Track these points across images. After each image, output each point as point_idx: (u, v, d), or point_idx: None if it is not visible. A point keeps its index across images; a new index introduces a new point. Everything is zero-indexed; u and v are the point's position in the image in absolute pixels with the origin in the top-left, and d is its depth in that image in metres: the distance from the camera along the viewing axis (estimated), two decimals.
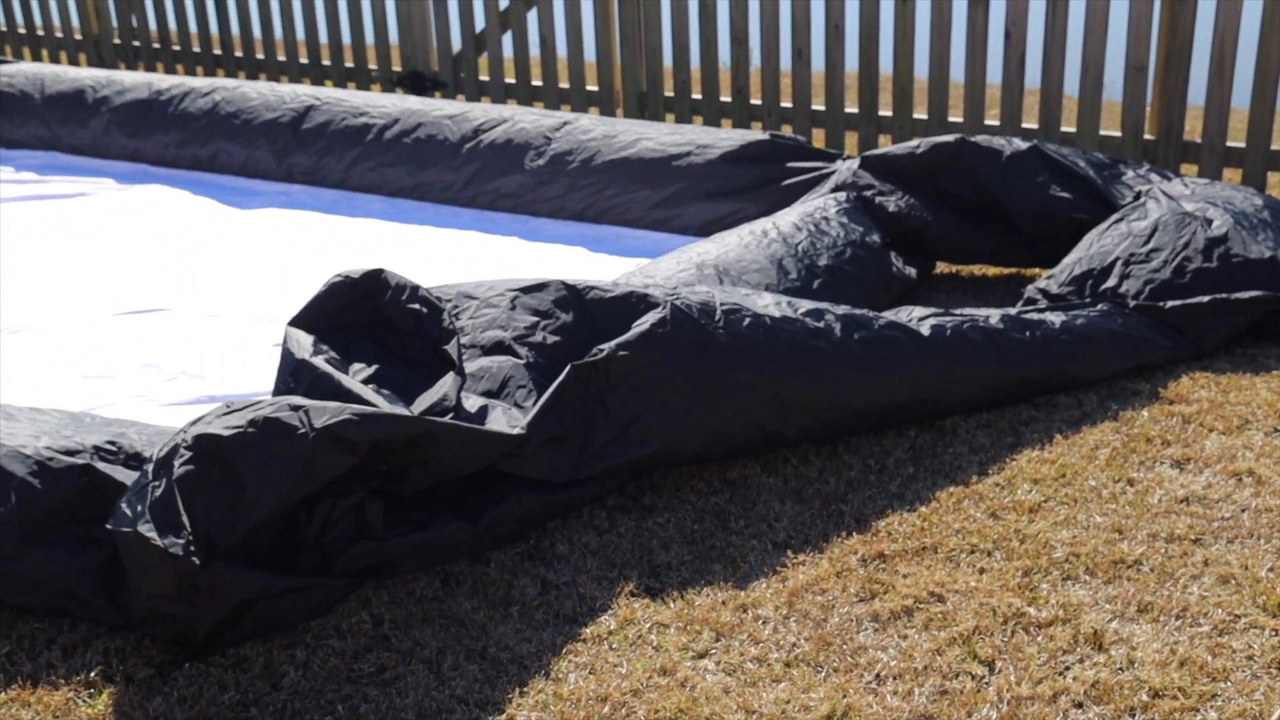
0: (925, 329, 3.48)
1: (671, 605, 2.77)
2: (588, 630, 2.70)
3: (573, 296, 3.34)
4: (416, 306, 3.25)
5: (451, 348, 3.14)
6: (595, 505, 3.13)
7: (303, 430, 2.64)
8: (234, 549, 2.59)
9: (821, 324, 3.35)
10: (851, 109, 5.95)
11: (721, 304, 3.27)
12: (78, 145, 6.00)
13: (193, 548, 2.50)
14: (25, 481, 2.76)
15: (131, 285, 4.46)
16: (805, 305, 3.40)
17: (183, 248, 4.86)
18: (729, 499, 3.18)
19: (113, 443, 2.87)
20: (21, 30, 7.96)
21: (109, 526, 2.57)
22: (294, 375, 3.08)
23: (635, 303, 3.25)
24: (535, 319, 3.32)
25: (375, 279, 3.31)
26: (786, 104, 6.08)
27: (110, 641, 2.68)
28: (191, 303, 4.30)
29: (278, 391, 3.13)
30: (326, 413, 2.68)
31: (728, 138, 4.98)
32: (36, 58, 7.92)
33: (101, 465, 2.80)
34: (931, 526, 3.03)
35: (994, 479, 3.23)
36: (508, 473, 2.99)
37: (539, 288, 3.40)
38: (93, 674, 2.58)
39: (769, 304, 3.36)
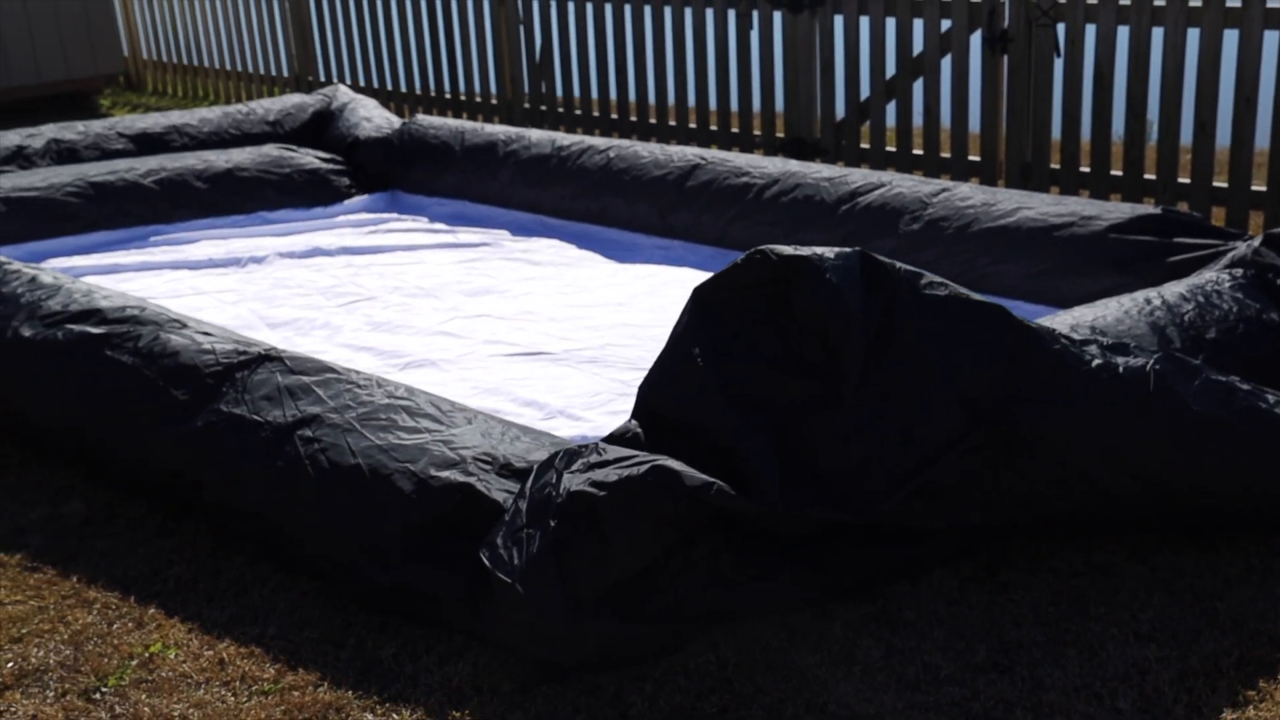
0: None
1: (1020, 685, 2.68)
2: (930, 698, 2.65)
3: (1013, 336, 3.02)
4: (827, 310, 2.98)
5: (850, 369, 2.97)
6: (947, 574, 3.07)
7: (669, 497, 2.78)
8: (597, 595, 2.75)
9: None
10: (1259, 187, 5.58)
11: (1158, 381, 2.99)
12: (486, 195, 6.53)
13: (560, 606, 2.66)
14: (409, 497, 3.03)
15: (520, 329, 4.80)
16: (1244, 398, 3.05)
17: (567, 297, 5.18)
18: (1090, 583, 3.04)
19: (489, 454, 3.10)
20: (448, 96, 8.81)
21: (486, 563, 2.78)
22: (677, 379, 3.17)
23: (1071, 361, 2.99)
24: (971, 349, 3.01)
25: (797, 264, 3.02)
26: (1184, 180, 5.77)
27: (480, 655, 2.88)
28: (573, 348, 4.57)
29: (662, 370, 3.22)
30: (696, 482, 2.79)
31: (1115, 210, 4.78)
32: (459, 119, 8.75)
33: (476, 481, 3.02)
34: None
35: None
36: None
37: (986, 310, 3.05)
38: (462, 683, 2.79)
39: (1205, 384, 3.04)
